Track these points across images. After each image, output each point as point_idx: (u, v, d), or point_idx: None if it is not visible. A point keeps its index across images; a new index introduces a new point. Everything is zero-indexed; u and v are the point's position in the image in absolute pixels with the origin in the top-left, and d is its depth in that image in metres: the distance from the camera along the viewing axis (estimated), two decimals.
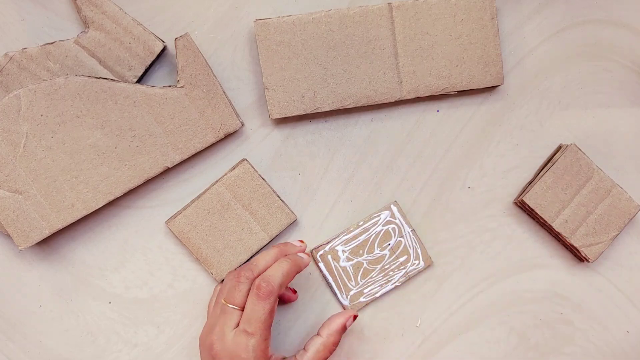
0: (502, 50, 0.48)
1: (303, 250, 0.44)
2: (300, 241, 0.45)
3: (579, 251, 0.47)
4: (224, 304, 0.40)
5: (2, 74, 0.43)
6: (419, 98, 0.47)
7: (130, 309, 0.47)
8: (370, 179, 0.48)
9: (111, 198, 0.43)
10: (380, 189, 0.48)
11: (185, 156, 0.44)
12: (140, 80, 0.45)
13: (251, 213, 0.45)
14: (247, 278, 0.40)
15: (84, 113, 0.42)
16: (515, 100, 0.48)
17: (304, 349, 0.43)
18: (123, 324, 0.46)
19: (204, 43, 0.46)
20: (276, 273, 0.40)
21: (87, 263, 0.46)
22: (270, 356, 0.40)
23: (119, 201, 0.46)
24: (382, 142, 0.48)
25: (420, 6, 0.45)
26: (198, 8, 0.46)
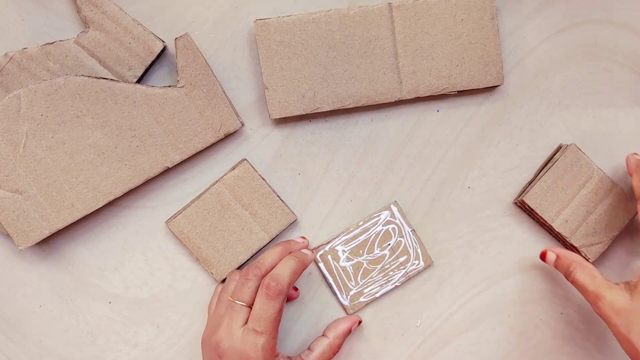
0: (502, 50, 0.48)
1: (306, 247, 0.45)
2: (303, 238, 0.46)
3: (579, 251, 0.47)
4: (231, 301, 0.40)
5: (2, 74, 0.43)
6: (419, 98, 0.47)
7: (130, 309, 0.47)
8: (370, 179, 0.48)
9: (111, 198, 0.43)
10: (380, 189, 0.48)
11: (185, 156, 0.44)
12: (140, 80, 0.45)
13: (251, 213, 0.45)
14: (255, 275, 0.40)
15: (84, 113, 0.42)
16: (515, 100, 0.48)
17: (309, 348, 0.43)
18: (123, 324, 0.46)
19: (204, 43, 0.46)
20: (284, 271, 0.40)
21: (87, 263, 0.46)
22: (277, 355, 0.40)
23: (119, 201, 0.46)
24: (382, 142, 0.48)
25: (420, 6, 0.45)
26: (198, 8, 0.46)
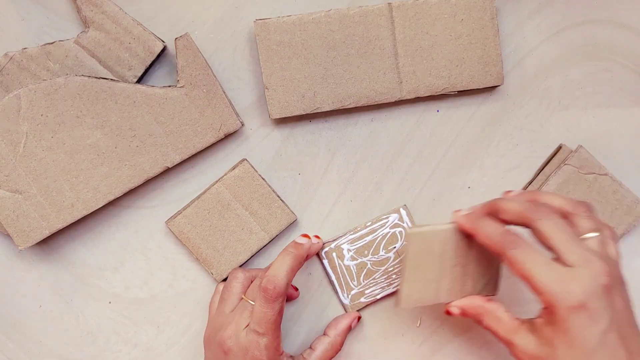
0: (502, 50, 0.48)
1: (309, 247, 0.43)
2: (305, 235, 0.45)
3: None
4: (244, 300, 0.40)
5: (2, 74, 0.43)
6: (419, 98, 0.47)
7: (130, 309, 0.47)
8: (370, 179, 0.48)
9: (111, 198, 0.43)
10: (380, 189, 0.48)
11: (185, 156, 0.44)
12: (140, 80, 0.45)
13: (251, 213, 0.45)
14: None
15: (84, 113, 0.42)
16: (515, 100, 0.48)
17: (311, 347, 0.44)
18: (123, 324, 0.46)
19: (204, 43, 0.46)
20: (280, 272, 0.39)
21: (87, 263, 0.46)
22: (281, 353, 0.40)
23: (119, 201, 0.46)
24: (382, 142, 0.48)
25: (420, 6, 0.45)
26: (198, 8, 0.46)
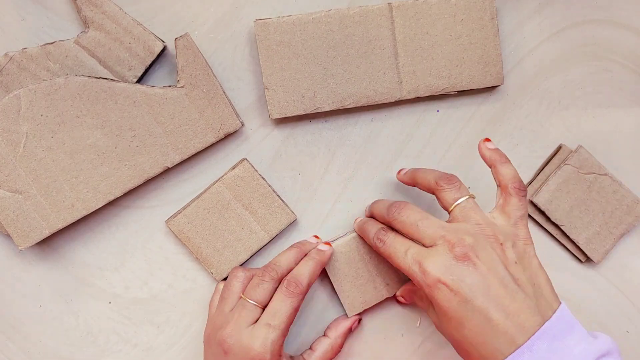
0: (502, 50, 0.48)
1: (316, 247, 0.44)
2: (315, 237, 0.46)
3: (584, 252, 0.47)
4: (243, 299, 0.40)
5: (2, 74, 0.43)
6: (419, 98, 0.47)
7: (130, 309, 0.47)
8: (370, 179, 0.48)
9: (111, 198, 0.43)
10: (380, 189, 0.48)
11: (185, 156, 0.44)
12: (140, 80, 0.45)
13: (251, 212, 0.45)
14: (272, 278, 0.40)
15: (84, 113, 0.42)
16: (515, 100, 0.48)
17: (311, 348, 0.44)
18: (123, 324, 0.46)
19: (204, 43, 0.46)
20: (304, 272, 0.41)
21: (87, 263, 0.46)
22: (281, 355, 0.40)
23: (119, 201, 0.46)
24: (382, 142, 0.48)
25: (420, 6, 0.45)
26: (198, 8, 0.46)
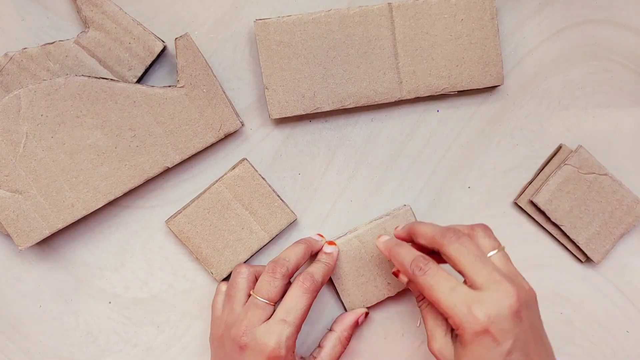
0: (502, 50, 0.48)
1: (322, 246, 0.45)
2: (319, 235, 0.46)
3: (584, 252, 0.47)
4: (253, 297, 0.40)
5: (2, 74, 0.43)
6: (419, 98, 0.47)
7: (130, 309, 0.47)
8: (370, 179, 0.48)
9: (111, 198, 0.43)
10: (380, 189, 0.48)
11: (185, 156, 0.44)
12: (140, 80, 0.45)
13: (251, 212, 0.45)
14: (282, 274, 0.40)
15: (84, 113, 0.42)
16: (515, 100, 0.48)
17: (319, 346, 0.44)
18: (123, 324, 0.46)
19: (204, 43, 0.46)
20: (319, 272, 0.41)
21: (87, 263, 0.46)
22: (294, 352, 0.40)
23: (119, 201, 0.46)
24: (382, 142, 0.48)
25: (420, 6, 0.45)
26: (198, 8, 0.46)
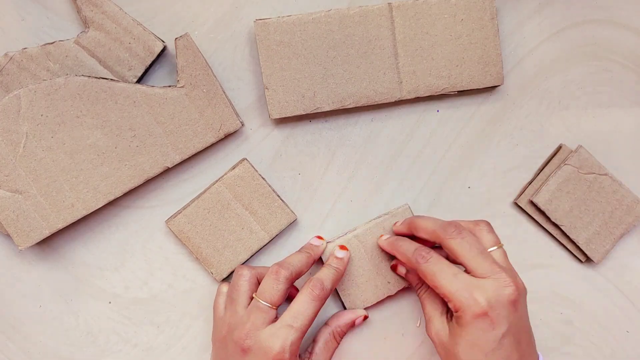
0: (502, 50, 0.48)
1: (324, 249, 0.45)
2: (319, 237, 0.46)
3: (584, 252, 0.47)
4: (256, 300, 0.40)
5: (2, 74, 0.43)
6: (419, 98, 0.47)
7: (130, 309, 0.47)
8: (370, 179, 0.48)
9: (111, 198, 0.43)
10: (380, 189, 0.48)
11: (185, 156, 0.44)
12: (140, 80, 0.45)
13: (251, 212, 0.45)
14: (286, 278, 0.40)
15: (84, 113, 0.42)
16: (515, 100, 0.48)
17: (314, 340, 0.44)
18: (123, 324, 0.46)
19: (204, 43, 0.46)
20: (329, 278, 0.41)
21: (87, 263, 0.46)
22: (299, 355, 0.40)
23: (119, 201, 0.46)
24: (382, 142, 0.48)
25: (420, 6, 0.45)
26: (198, 8, 0.46)
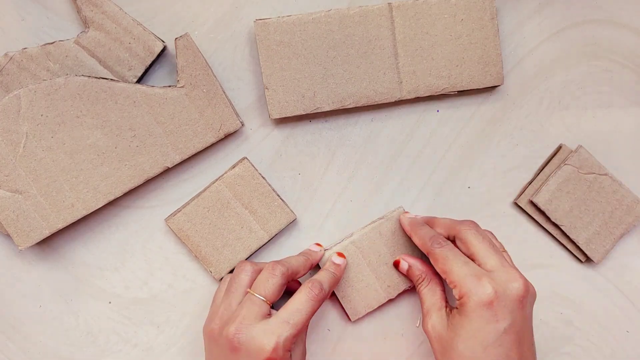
0: (502, 50, 0.48)
1: (322, 256, 0.45)
2: (318, 244, 0.45)
3: (584, 252, 0.47)
4: (250, 294, 0.39)
5: (2, 74, 0.43)
6: (419, 98, 0.47)
7: (130, 309, 0.47)
8: (370, 179, 0.48)
9: (111, 198, 0.43)
10: (380, 189, 0.48)
11: (185, 156, 0.44)
12: (140, 80, 0.45)
13: (251, 211, 0.45)
14: (282, 273, 0.40)
15: (84, 113, 0.42)
16: (515, 100, 0.48)
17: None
18: (123, 324, 0.46)
19: (204, 43, 0.46)
20: (327, 280, 0.41)
21: (87, 263, 0.46)
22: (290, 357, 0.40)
23: (119, 201, 0.46)
24: (382, 142, 0.48)
25: (420, 6, 0.45)
26: (198, 8, 0.46)
